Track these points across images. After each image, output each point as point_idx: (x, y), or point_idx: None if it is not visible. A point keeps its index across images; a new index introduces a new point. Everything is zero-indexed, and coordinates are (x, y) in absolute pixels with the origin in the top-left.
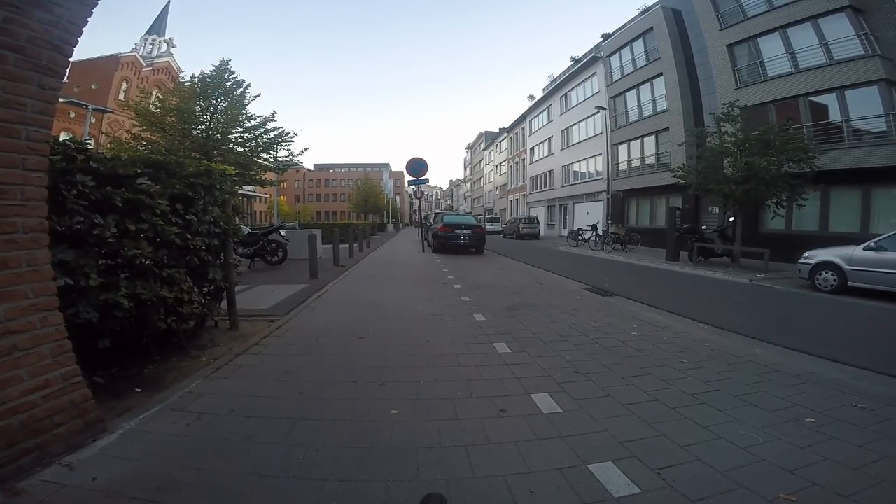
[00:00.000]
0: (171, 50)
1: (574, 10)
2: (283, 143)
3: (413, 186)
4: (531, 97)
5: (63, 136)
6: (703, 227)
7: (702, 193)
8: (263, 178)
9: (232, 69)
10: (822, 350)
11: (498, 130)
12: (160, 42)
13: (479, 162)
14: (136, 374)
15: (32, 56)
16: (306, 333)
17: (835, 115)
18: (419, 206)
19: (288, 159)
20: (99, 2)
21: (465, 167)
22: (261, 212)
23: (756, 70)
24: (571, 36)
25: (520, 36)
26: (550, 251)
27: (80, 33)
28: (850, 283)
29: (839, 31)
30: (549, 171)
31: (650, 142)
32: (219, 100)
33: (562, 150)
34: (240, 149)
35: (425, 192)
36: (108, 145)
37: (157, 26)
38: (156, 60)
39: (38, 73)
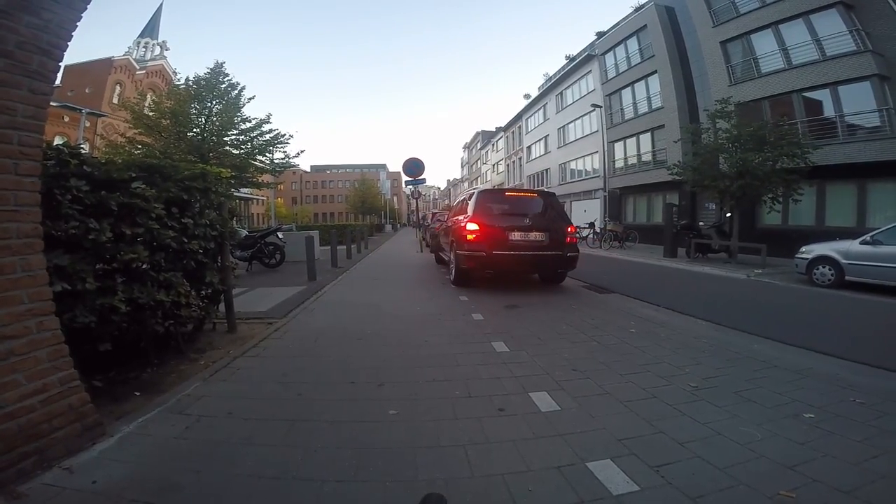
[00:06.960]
0: (165, 53)
1: (568, 9)
2: (279, 145)
3: (410, 187)
4: (527, 96)
5: (57, 141)
6: (700, 223)
7: (698, 190)
8: (260, 181)
9: (226, 71)
10: (820, 345)
11: (494, 129)
12: (153, 45)
13: (477, 161)
14: (134, 378)
15: (22, 61)
16: (304, 335)
17: (829, 110)
18: (416, 206)
19: (284, 161)
20: (88, 6)
21: (463, 167)
22: (258, 214)
23: (749, 66)
24: (566, 34)
25: (515, 35)
26: None
27: (69, 37)
28: (847, 278)
29: (831, 27)
30: (546, 170)
31: (646, 139)
32: (213, 102)
33: (558, 148)
34: (235, 151)
35: (423, 193)
36: (103, 149)
37: (150, 29)
38: (149, 63)
39: (29, 78)
